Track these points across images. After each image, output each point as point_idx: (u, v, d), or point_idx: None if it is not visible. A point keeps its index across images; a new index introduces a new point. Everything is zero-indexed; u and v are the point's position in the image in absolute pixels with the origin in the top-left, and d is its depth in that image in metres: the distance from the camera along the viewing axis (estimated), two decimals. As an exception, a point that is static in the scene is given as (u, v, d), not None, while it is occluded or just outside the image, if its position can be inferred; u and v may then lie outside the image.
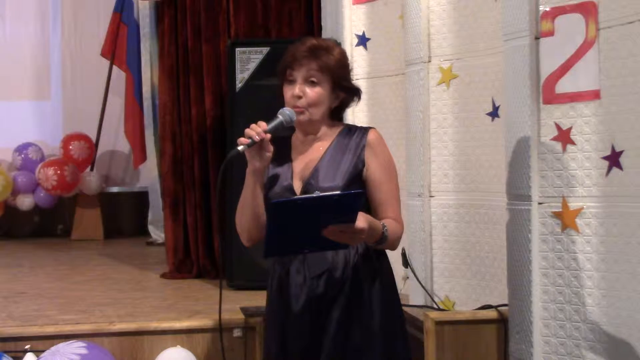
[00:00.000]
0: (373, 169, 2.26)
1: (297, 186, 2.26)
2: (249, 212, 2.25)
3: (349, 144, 2.28)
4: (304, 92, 2.22)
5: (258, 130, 2.14)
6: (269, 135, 2.16)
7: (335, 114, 2.34)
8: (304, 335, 2.23)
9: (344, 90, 2.30)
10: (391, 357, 2.27)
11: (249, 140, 2.13)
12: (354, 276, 2.24)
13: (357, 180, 2.24)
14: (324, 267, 2.23)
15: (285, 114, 2.21)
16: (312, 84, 2.23)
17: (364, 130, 2.31)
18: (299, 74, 2.23)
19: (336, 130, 2.32)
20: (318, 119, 2.27)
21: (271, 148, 2.18)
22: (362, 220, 2.03)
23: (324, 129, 2.31)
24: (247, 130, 2.14)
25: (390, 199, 2.25)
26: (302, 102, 2.22)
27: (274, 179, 2.28)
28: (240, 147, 2.12)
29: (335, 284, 2.23)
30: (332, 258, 2.23)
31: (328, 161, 2.26)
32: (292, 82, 2.24)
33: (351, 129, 2.33)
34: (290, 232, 2.02)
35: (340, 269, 2.24)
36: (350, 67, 2.34)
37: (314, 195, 2.01)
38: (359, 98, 2.37)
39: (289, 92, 2.24)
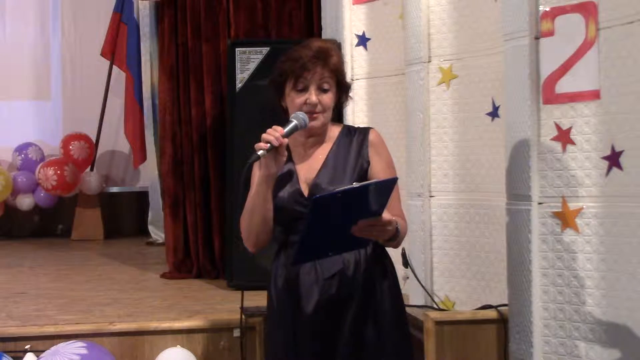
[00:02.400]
0: (377, 168, 2.27)
1: (304, 188, 2.26)
2: (259, 216, 2.23)
3: (351, 144, 2.29)
4: (320, 100, 2.23)
5: (276, 135, 2.12)
6: (286, 140, 2.15)
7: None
8: (317, 335, 2.23)
9: (344, 90, 2.32)
10: (402, 354, 2.28)
11: (267, 145, 2.11)
12: (366, 275, 2.25)
13: (363, 180, 2.24)
14: (337, 268, 2.23)
15: (299, 117, 2.20)
16: (324, 90, 2.24)
17: (365, 130, 2.33)
18: (311, 82, 2.23)
19: (336, 131, 2.33)
20: (328, 122, 2.30)
21: (286, 153, 2.18)
22: (387, 213, 2.05)
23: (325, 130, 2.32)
24: (264, 135, 2.12)
25: (394, 197, 2.26)
26: (318, 109, 2.23)
27: (278, 182, 2.27)
28: (260, 152, 2.11)
29: (348, 284, 2.24)
30: (344, 258, 2.24)
31: (333, 162, 2.27)
32: (303, 90, 2.23)
33: (350, 130, 2.35)
34: (323, 234, 2.00)
35: (352, 268, 2.24)
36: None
37: (354, 185, 2.00)
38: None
39: (300, 99, 2.23)
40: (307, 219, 2.00)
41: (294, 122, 2.19)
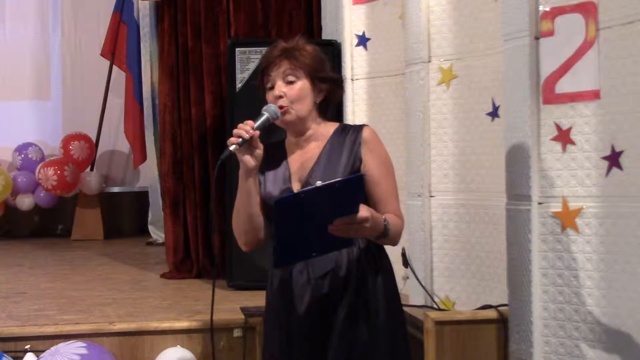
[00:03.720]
0: (370, 165, 2.26)
1: (296, 187, 2.26)
2: (244, 214, 2.24)
3: (344, 143, 2.29)
4: (284, 92, 2.24)
5: (246, 128, 2.15)
6: (257, 132, 2.17)
7: (324, 111, 2.35)
8: (310, 335, 2.23)
9: (324, 82, 2.31)
10: (396, 354, 2.27)
11: (239, 140, 2.13)
12: (358, 274, 2.24)
13: None
14: (329, 267, 2.23)
15: (270, 110, 2.23)
16: (290, 82, 2.25)
17: (358, 128, 2.31)
18: (275, 77, 2.26)
19: (330, 130, 2.33)
20: (304, 115, 2.28)
21: (261, 145, 2.19)
22: (364, 210, 2.03)
23: (315, 127, 2.31)
24: (235, 130, 2.15)
25: (389, 194, 2.25)
26: (284, 101, 2.24)
27: (272, 182, 2.28)
28: (231, 147, 2.13)
29: (340, 283, 2.23)
30: (336, 257, 2.23)
31: (325, 160, 2.27)
32: (272, 87, 2.27)
33: (345, 128, 2.34)
34: (297, 235, 1.99)
35: (344, 267, 2.24)
36: (326, 61, 2.36)
37: (316, 185, 1.99)
38: (342, 87, 2.40)
39: (270, 95, 2.27)
40: (273, 221, 2.00)
41: (264, 115, 2.21)
